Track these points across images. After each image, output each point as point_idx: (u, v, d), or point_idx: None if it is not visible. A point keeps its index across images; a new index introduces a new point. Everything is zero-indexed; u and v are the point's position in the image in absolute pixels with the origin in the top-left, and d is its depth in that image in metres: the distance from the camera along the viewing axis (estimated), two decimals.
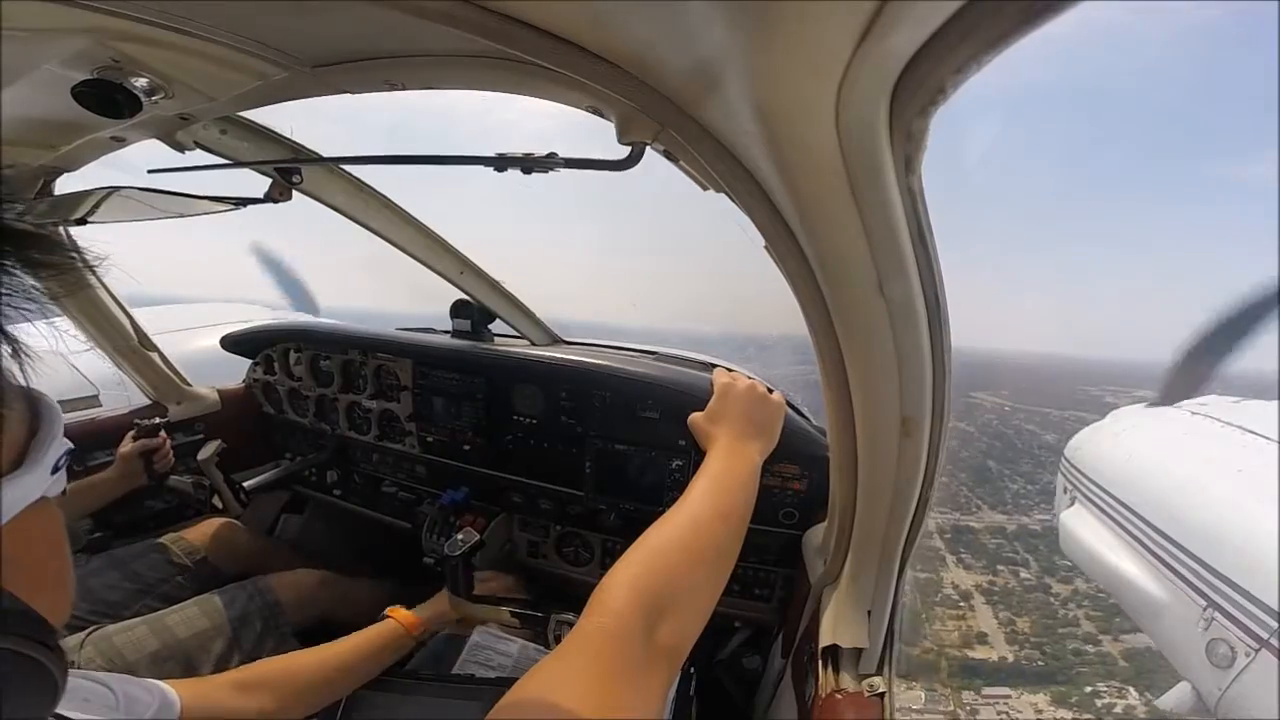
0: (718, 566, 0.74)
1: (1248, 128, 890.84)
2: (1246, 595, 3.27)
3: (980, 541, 31.50)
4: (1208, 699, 3.41)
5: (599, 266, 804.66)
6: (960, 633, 25.02)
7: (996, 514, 35.28)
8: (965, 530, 32.76)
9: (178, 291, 42.59)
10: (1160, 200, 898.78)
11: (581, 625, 0.60)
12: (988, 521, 33.62)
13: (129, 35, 0.64)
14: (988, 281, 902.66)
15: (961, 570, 29.04)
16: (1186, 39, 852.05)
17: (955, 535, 32.06)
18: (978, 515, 34.66)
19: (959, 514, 35.08)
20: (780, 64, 0.43)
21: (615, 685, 0.53)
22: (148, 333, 1.93)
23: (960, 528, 33.06)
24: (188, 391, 2.08)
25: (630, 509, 1.68)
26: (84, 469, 1.81)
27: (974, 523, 34.00)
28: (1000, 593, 26.97)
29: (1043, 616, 25.28)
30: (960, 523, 33.87)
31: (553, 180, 0.76)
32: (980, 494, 37.58)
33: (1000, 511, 35.89)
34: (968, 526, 33.29)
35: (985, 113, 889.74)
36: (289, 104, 0.88)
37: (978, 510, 35.67)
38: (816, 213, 0.58)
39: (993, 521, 33.63)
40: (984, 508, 35.74)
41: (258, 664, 1.05)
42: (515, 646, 1.44)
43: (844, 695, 0.96)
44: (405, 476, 2.04)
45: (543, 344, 1.89)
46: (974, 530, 32.76)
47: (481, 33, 0.52)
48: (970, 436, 47.65)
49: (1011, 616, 25.55)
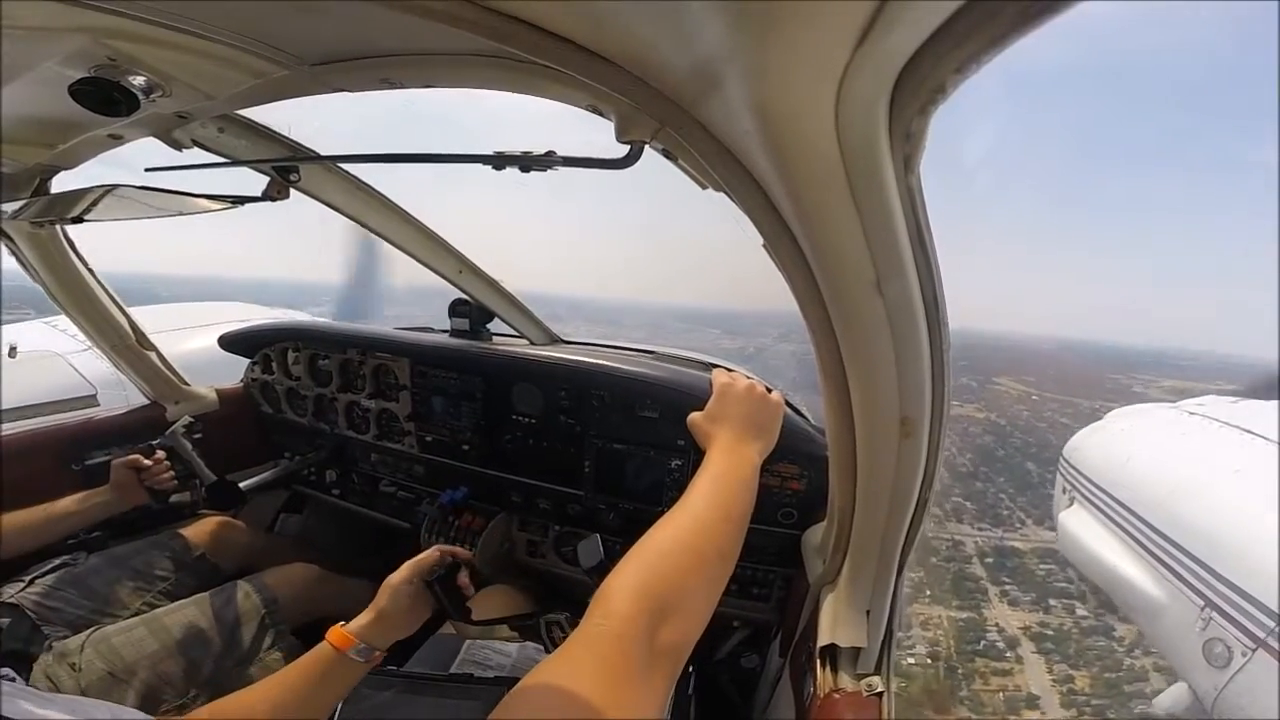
0: (719, 567, 0.74)
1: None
2: (1244, 595, 3.28)
3: (1028, 568, 25.70)
4: (1205, 699, 3.41)
5: (582, 236, 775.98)
6: (1005, 696, 19.81)
7: (1044, 530, 27.21)
8: (1010, 553, 26.80)
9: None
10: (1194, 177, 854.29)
11: (584, 626, 0.60)
12: (1035, 541, 27.35)
13: (126, 33, 0.64)
14: (1016, 258, 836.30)
15: (1006, 607, 23.62)
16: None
17: (998, 560, 26.25)
18: (1022, 532, 28.59)
19: (1002, 531, 28.85)
20: (780, 63, 0.43)
21: (618, 686, 0.53)
22: (146, 332, 1.92)
23: (1004, 549, 27.08)
24: (186, 391, 2.07)
25: (629, 508, 1.68)
26: (81, 468, 1.80)
27: (1019, 542, 27.83)
28: (1054, 637, 21.73)
29: (1104, 669, 20.24)
30: (1004, 543, 27.71)
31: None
32: (1023, 504, 30.63)
33: (1048, 528, 30.76)
34: (1013, 548, 27.20)
35: (1012, 92, 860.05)
36: (286, 102, 0.88)
37: (1022, 526, 29.27)
38: (815, 212, 0.58)
39: (1040, 541, 26.93)
40: (1029, 522, 29.23)
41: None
42: (514, 646, 1.44)
43: (842, 694, 0.96)
44: (404, 476, 2.04)
45: (541, 343, 1.89)
46: (1020, 554, 26.80)
47: (481, 31, 0.52)
48: (1003, 431, 40.72)
49: (1069, 670, 20.48)
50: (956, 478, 33.61)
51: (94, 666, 1.27)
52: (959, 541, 27.17)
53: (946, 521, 28.78)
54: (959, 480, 33.33)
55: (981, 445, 37.94)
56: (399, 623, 1.06)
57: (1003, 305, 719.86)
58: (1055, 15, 0.31)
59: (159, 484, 1.62)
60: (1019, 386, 49.97)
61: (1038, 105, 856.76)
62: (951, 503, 30.43)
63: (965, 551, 26.54)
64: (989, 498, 31.35)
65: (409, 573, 1.07)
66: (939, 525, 28.25)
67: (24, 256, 1.58)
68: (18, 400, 1.86)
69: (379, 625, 1.03)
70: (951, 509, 29.90)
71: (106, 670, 1.27)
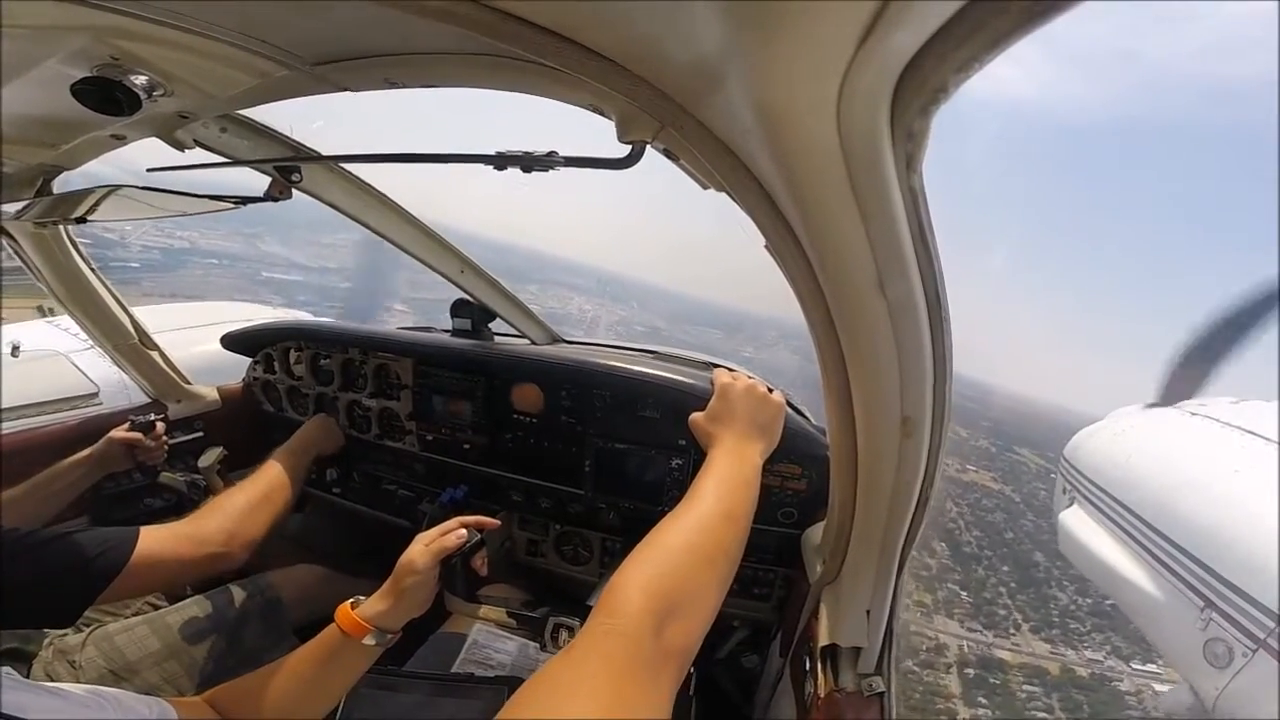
0: (725, 568, 0.74)
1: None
2: (1244, 596, 3.27)
3: (1010, 688, 22.63)
4: (1205, 699, 3.41)
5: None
6: None
7: (1038, 641, 25.40)
8: (995, 666, 23.67)
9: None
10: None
11: (591, 627, 0.60)
12: (1025, 654, 24.47)
13: (129, 32, 0.64)
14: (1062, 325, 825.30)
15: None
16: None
17: (980, 673, 23.09)
18: (1014, 640, 25.26)
19: (993, 635, 25.36)
20: (782, 63, 0.43)
21: (626, 687, 0.53)
22: (148, 331, 1.93)
23: (990, 661, 23.86)
24: (187, 390, 2.08)
25: (630, 508, 1.68)
26: None
27: (1007, 653, 24.48)
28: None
29: None
30: (991, 651, 24.38)
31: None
32: (1021, 603, 27.30)
33: (1043, 638, 25.61)
34: (999, 661, 23.98)
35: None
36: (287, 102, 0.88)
37: (1015, 632, 25.81)
38: (817, 211, 0.58)
39: (1031, 654, 24.40)
40: (1024, 628, 26.02)
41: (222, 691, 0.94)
42: (514, 645, 1.44)
43: (843, 694, 0.96)
44: (405, 475, 2.04)
45: (543, 343, 1.90)
46: (1006, 668, 23.56)
47: (482, 30, 0.52)
48: (1015, 510, 36.07)
49: None
50: (959, 558, 30.93)
51: (95, 664, 1.27)
52: (943, 645, 24.32)
53: (935, 614, 25.94)
54: (960, 562, 30.49)
55: (991, 523, 34.31)
56: (417, 604, 1.02)
57: (1036, 370, 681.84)
58: (1059, 14, 0.31)
59: (151, 459, 1.63)
60: (1039, 461, 44.39)
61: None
62: (947, 590, 27.61)
63: (946, 658, 23.81)
64: (987, 590, 28.40)
65: (432, 554, 1.02)
66: (926, 618, 25.48)
67: (26, 255, 1.58)
68: (20, 399, 1.87)
69: (398, 609, 0.99)
70: (944, 599, 27.00)
71: (107, 668, 1.27)
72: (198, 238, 44.21)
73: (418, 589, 1.01)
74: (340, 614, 0.97)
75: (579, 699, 0.50)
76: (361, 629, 0.95)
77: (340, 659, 0.96)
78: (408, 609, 1.01)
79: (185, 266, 41.11)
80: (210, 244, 47.77)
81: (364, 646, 0.96)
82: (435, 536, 1.05)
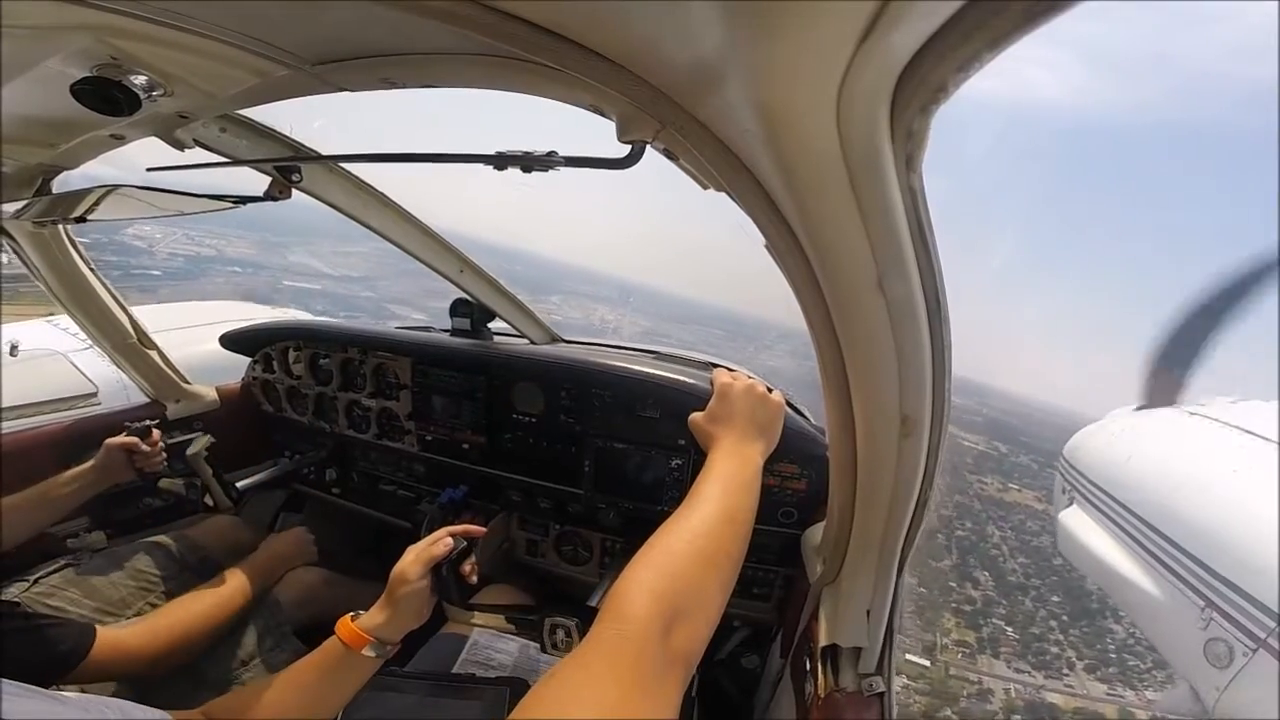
0: (728, 570, 0.74)
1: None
2: (1245, 595, 3.28)
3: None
4: (1206, 699, 3.41)
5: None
6: None
7: (1093, 681, 22.64)
8: (1043, 710, 21.38)
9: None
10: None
11: (598, 631, 0.60)
12: (1079, 698, 21.63)
13: (128, 32, 0.64)
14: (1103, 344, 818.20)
15: None
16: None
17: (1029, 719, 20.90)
18: (1067, 681, 22.65)
19: (1044, 676, 22.71)
20: (782, 62, 0.43)
21: (633, 691, 0.54)
22: (147, 330, 1.92)
23: (1038, 707, 21.45)
24: (186, 390, 2.07)
25: (629, 508, 1.68)
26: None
27: (1059, 696, 21.76)
28: None
29: None
30: (1041, 696, 21.67)
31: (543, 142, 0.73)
32: (1074, 639, 24.29)
33: (1099, 677, 22.84)
34: (1050, 706, 21.43)
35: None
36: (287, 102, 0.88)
37: (1068, 672, 23.08)
38: (817, 211, 0.58)
39: (1086, 698, 21.52)
40: (1078, 667, 23.19)
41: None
42: (515, 645, 1.44)
43: (843, 694, 0.96)
44: (404, 475, 2.04)
45: (542, 342, 1.90)
46: (1058, 713, 21.20)
47: (482, 30, 0.52)
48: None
49: None
50: (1004, 588, 28.04)
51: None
52: (987, 690, 21.77)
53: (979, 654, 23.27)
54: (1006, 593, 27.61)
55: (1037, 547, 30.75)
56: (413, 614, 1.03)
57: (1077, 384, 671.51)
58: (1058, 14, 0.31)
59: (150, 466, 1.62)
60: None
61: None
62: (991, 626, 24.77)
63: (990, 706, 21.32)
64: (1036, 624, 25.40)
65: (422, 563, 1.04)
66: (969, 659, 22.68)
67: (25, 255, 1.58)
68: (18, 398, 1.86)
69: (395, 620, 1.00)
70: (989, 636, 24.21)
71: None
72: (224, 245, 44.44)
73: (412, 599, 1.02)
74: (340, 626, 0.99)
75: (587, 704, 0.50)
76: (361, 640, 0.97)
77: (340, 670, 0.97)
78: (405, 620, 1.02)
79: (207, 275, 41.24)
80: (237, 252, 47.84)
81: (364, 658, 0.97)
82: (424, 547, 1.06)
